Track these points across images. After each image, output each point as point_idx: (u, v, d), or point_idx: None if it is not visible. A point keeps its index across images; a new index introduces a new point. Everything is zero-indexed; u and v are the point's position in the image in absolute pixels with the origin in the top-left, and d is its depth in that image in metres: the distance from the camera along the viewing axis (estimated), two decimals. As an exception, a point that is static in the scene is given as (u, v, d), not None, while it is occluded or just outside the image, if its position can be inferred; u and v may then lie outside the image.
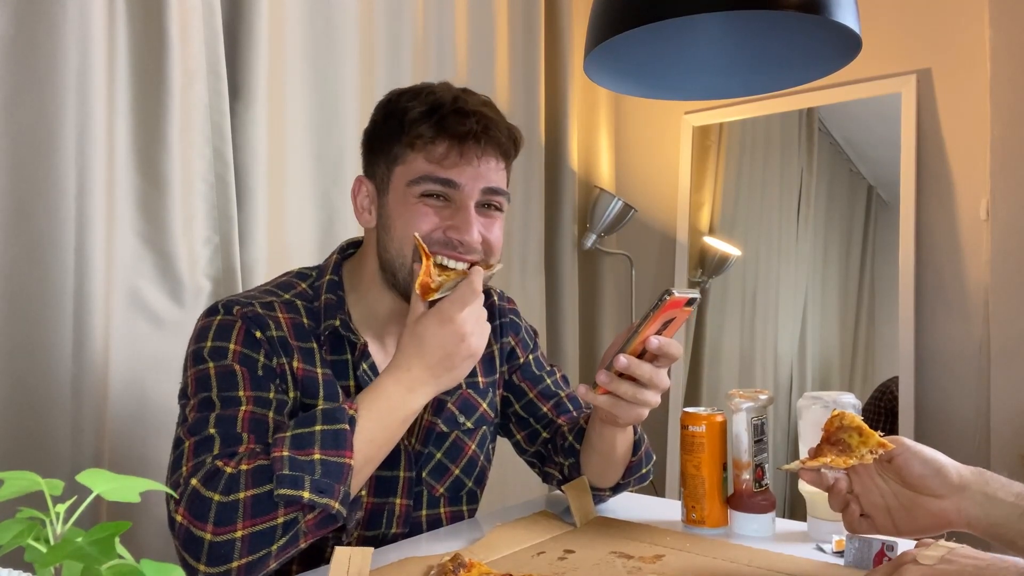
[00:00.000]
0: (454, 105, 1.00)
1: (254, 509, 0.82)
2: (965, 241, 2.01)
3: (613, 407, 0.98)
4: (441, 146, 1.00)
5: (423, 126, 1.00)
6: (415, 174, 1.00)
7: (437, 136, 0.99)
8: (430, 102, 1.01)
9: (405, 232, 1.00)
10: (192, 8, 1.50)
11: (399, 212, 1.02)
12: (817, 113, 2.29)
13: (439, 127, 0.99)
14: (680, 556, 0.95)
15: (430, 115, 1.00)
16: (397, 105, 1.03)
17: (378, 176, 1.05)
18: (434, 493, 1.11)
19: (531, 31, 2.35)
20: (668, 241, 2.55)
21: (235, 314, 0.98)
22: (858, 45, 1.16)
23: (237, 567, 0.82)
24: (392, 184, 1.03)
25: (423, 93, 1.03)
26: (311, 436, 0.86)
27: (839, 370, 2.27)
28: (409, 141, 1.01)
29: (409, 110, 1.01)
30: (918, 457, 0.81)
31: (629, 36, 1.17)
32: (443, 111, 1.00)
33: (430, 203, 1.00)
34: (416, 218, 1.00)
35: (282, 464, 0.84)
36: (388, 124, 1.03)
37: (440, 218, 1.00)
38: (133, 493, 0.44)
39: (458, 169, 1.00)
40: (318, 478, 0.84)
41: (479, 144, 1.00)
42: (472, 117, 1.00)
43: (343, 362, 1.04)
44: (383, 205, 1.04)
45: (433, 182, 1.00)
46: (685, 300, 0.94)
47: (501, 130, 1.03)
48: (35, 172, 1.29)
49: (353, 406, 0.90)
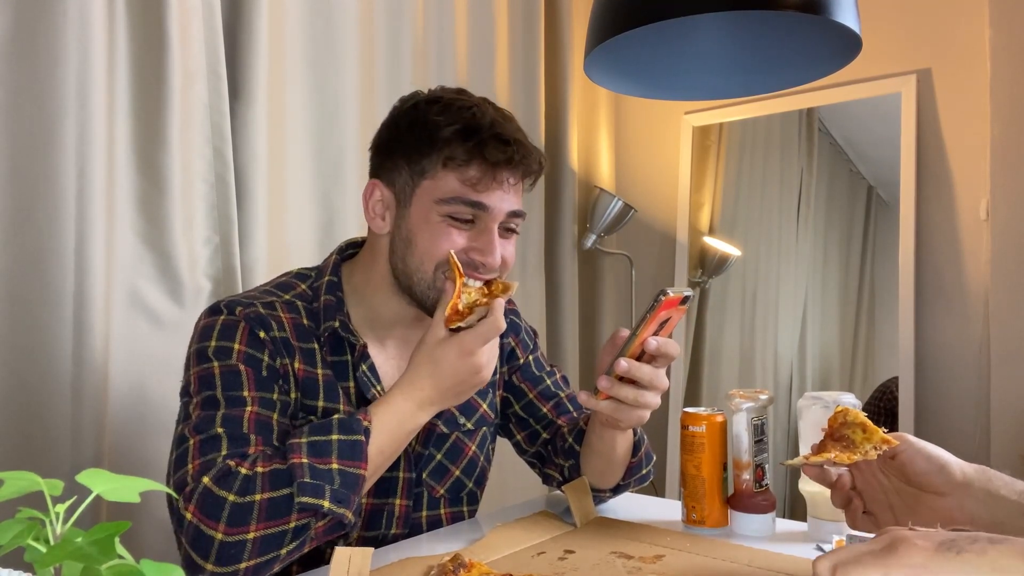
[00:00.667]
0: (492, 130, 0.99)
1: (269, 512, 0.83)
2: (965, 241, 2.01)
3: (615, 412, 0.98)
4: (476, 169, 0.98)
5: (459, 147, 0.98)
6: (446, 194, 0.99)
7: (473, 159, 0.98)
8: (465, 121, 0.99)
9: (429, 250, 1.00)
10: (192, 8, 1.50)
11: (422, 228, 1.00)
12: (817, 113, 2.29)
13: (477, 152, 0.98)
14: (680, 556, 0.95)
15: (467, 136, 0.98)
16: (426, 116, 1.01)
17: (398, 185, 1.03)
18: (434, 494, 1.11)
19: (531, 31, 2.35)
20: (668, 241, 2.55)
21: (238, 314, 0.98)
22: (858, 45, 1.16)
23: (245, 568, 0.83)
24: (416, 197, 1.01)
25: (454, 107, 1.01)
26: (328, 445, 0.88)
27: (839, 370, 2.27)
28: (441, 159, 0.99)
29: (441, 125, 0.99)
30: (921, 454, 0.81)
31: (629, 36, 1.17)
32: (482, 135, 0.98)
33: (456, 224, 1.00)
34: (441, 238, 0.99)
35: (303, 472, 0.85)
36: (415, 134, 1.01)
37: (464, 239, 1.00)
38: (133, 493, 0.44)
39: (489, 194, 0.99)
40: (337, 488, 0.85)
41: (514, 171, 1.01)
42: (512, 146, 0.99)
43: (343, 363, 1.04)
44: (403, 216, 1.03)
45: (465, 204, 0.99)
46: (680, 298, 0.94)
47: (535, 159, 1.03)
48: (35, 172, 1.29)
49: (367, 417, 0.91)
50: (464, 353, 0.93)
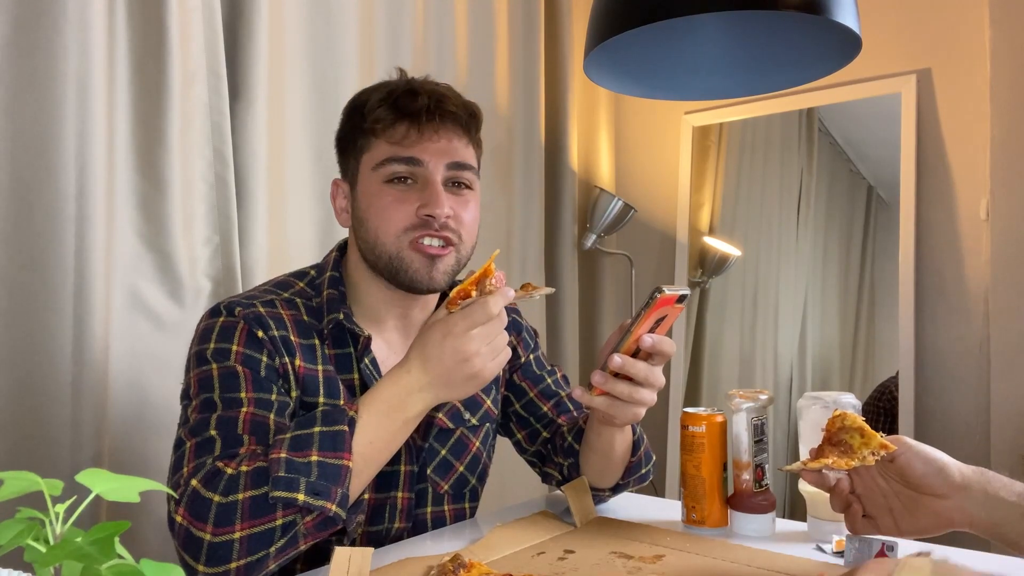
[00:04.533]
0: (407, 87, 1.05)
1: (252, 511, 0.82)
2: (965, 241, 2.01)
3: (610, 408, 0.98)
4: (400, 127, 1.03)
5: (382, 111, 1.03)
6: (379, 158, 1.03)
7: (395, 119, 1.03)
8: (387, 90, 1.05)
9: (380, 219, 1.02)
10: (192, 8, 1.50)
11: (369, 201, 1.04)
12: (817, 113, 2.29)
13: (394, 108, 1.03)
14: (680, 556, 0.95)
15: (387, 100, 1.04)
16: (358, 100, 1.07)
17: (349, 172, 1.09)
18: (438, 490, 1.12)
19: (531, 31, 2.35)
20: (668, 241, 2.55)
21: (237, 315, 0.99)
22: (858, 45, 1.16)
23: (235, 568, 0.82)
24: (360, 175, 1.06)
25: (382, 85, 1.07)
26: (309, 438, 0.86)
27: (839, 370, 2.27)
28: (370, 128, 1.04)
29: (368, 100, 1.05)
30: (920, 457, 0.81)
31: (629, 36, 1.17)
32: (398, 93, 1.04)
33: (398, 187, 1.03)
34: (387, 205, 1.02)
35: (279, 466, 0.83)
36: (352, 119, 1.08)
37: (409, 202, 1.02)
38: (133, 493, 0.44)
39: (420, 147, 1.03)
40: (314, 480, 0.83)
41: (435, 119, 1.03)
42: (423, 94, 1.03)
43: (347, 355, 1.04)
44: (355, 198, 1.07)
45: (396, 162, 1.02)
46: (676, 297, 0.94)
47: (456, 104, 1.06)
48: (35, 172, 1.29)
49: (354, 407, 0.89)
50: (446, 334, 0.88)
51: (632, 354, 0.96)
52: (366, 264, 1.06)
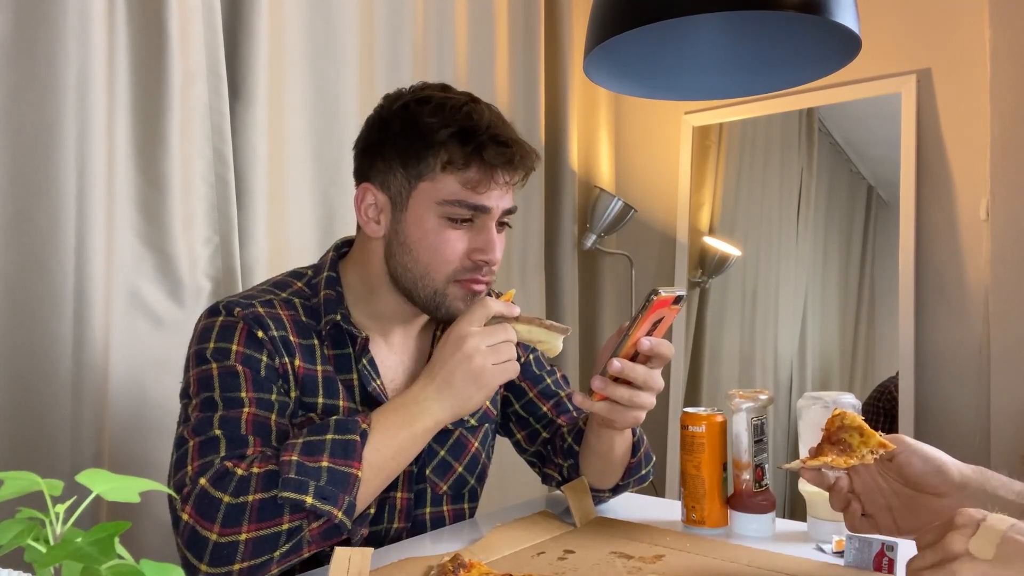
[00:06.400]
0: (490, 132, 0.98)
1: (260, 513, 0.83)
2: (965, 241, 2.01)
3: (610, 412, 0.99)
4: (475, 172, 0.98)
5: (458, 151, 0.98)
6: (447, 196, 0.99)
7: (472, 162, 0.98)
8: (461, 123, 0.98)
9: (434, 260, 1.00)
10: (192, 8, 1.50)
11: (423, 234, 1.00)
12: (817, 113, 2.29)
13: (477, 155, 0.98)
14: (680, 556, 0.95)
15: (465, 140, 0.98)
16: (419, 118, 0.99)
17: (393, 188, 1.02)
18: (437, 491, 1.12)
19: (531, 31, 2.35)
20: (668, 241, 2.55)
21: (236, 315, 0.98)
22: (858, 45, 1.16)
23: (238, 570, 0.82)
24: (413, 199, 1.01)
25: (447, 108, 0.99)
26: (321, 444, 0.87)
27: (839, 370, 2.27)
28: (439, 163, 0.99)
29: (436, 128, 0.98)
30: (919, 455, 0.81)
31: (629, 36, 1.17)
32: (480, 138, 0.98)
33: (458, 227, 1.00)
34: (443, 245, 0.99)
35: (289, 468, 0.85)
36: (408, 137, 1.00)
37: (464, 241, 1.00)
38: (133, 493, 0.44)
39: (488, 194, 1.00)
40: (323, 485, 0.85)
41: (513, 172, 1.01)
42: (511, 148, 0.99)
43: (345, 356, 1.04)
44: (399, 220, 1.02)
45: (466, 207, 0.99)
46: (673, 298, 0.94)
47: (532, 158, 1.03)
48: (35, 172, 1.29)
49: (367, 420, 0.91)
50: (447, 335, 0.94)
51: (631, 357, 0.96)
52: (390, 279, 1.04)
